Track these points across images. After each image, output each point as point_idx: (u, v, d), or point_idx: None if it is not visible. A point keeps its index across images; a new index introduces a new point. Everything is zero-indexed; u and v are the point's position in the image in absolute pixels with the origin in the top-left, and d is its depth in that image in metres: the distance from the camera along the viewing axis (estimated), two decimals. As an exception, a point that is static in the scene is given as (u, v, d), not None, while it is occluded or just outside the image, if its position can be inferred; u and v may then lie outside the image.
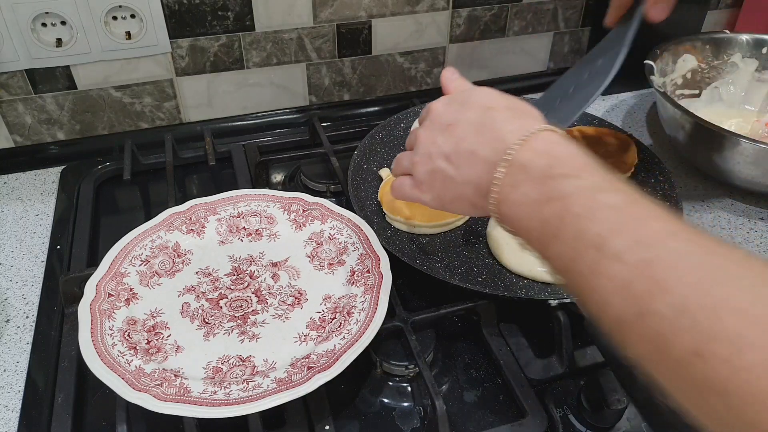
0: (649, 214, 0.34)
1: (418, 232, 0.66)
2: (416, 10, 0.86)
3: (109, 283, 0.55)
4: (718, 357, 0.27)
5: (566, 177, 0.37)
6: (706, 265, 0.30)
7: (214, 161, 0.77)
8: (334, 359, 0.48)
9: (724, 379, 0.27)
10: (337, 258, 0.60)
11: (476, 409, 0.53)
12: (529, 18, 0.93)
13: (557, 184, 0.37)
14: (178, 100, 0.83)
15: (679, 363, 0.28)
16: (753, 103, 0.86)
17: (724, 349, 0.27)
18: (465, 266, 0.62)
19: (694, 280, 0.29)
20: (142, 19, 0.75)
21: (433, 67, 0.93)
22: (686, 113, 0.71)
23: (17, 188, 0.77)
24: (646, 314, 0.30)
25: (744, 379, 0.26)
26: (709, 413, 0.28)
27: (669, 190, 0.70)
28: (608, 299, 0.32)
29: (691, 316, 0.28)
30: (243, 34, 0.81)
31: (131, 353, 0.49)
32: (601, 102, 0.96)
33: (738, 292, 0.28)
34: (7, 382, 0.54)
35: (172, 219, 0.62)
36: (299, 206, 0.64)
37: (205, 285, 0.57)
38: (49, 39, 0.73)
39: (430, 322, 0.56)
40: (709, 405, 0.28)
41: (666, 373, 0.30)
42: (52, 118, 0.80)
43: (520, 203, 0.39)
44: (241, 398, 0.45)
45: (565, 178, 0.37)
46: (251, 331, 0.53)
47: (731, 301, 0.28)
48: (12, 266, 0.66)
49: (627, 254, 0.32)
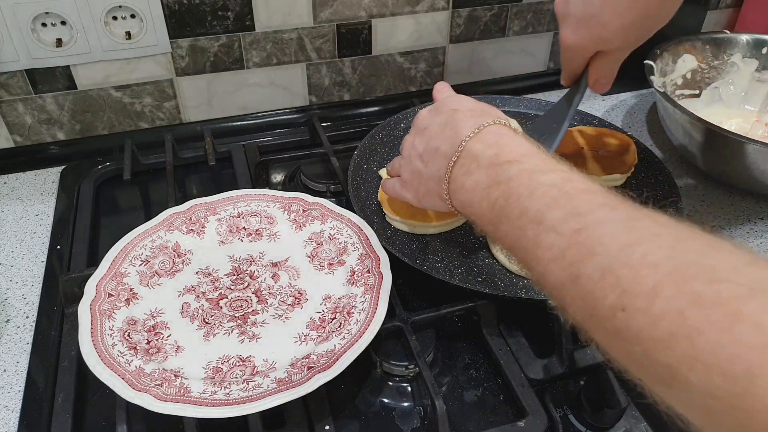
0: (582, 189, 0.37)
1: (418, 232, 0.66)
2: (416, 10, 0.86)
3: (109, 283, 0.55)
4: (637, 308, 0.30)
5: (510, 163, 0.41)
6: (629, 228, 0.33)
7: (214, 161, 0.77)
8: (334, 359, 0.48)
9: (642, 328, 0.29)
10: (337, 258, 0.60)
11: (476, 409, 0.53)
12: (529, 18, 0.93)
13: (503, 170, 0.41)
14: (178, 100, 0.84)
15: (607, 318, 0.31)
16: (753, 103, 0.86)
17: (641, 300, 0.30)
18: (465, 266, 0.62)
19: (618, 243, 0.32)
20: (142, 19, 0.75)
21: (433, 67, 0.93)
22: (686, 113, 0.71)
23: (17, 188, 0.77)
24: (579, 277, 0.33)
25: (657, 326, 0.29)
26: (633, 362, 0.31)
27: (669, 190, 0.70)
28: (548, 268, 0.36)
29: (614, 275, 0.31)
30: (243, 34, 0.81)
31: (131, 353, 0.49)
32: (601, 102, 0.96)
33: (656, 250, 0.31)
34: (7, 382, 0.54)
35: (172, 219, 0.62)
36: (299, 206, 0.64)
37: (205, 285, 0.57)
38: (49, 39, 0.73)
39: (430, 322, 0.56)
40: (632, 354, 0.30)
41: (597, 329, 0.33)
42: (52, 118, 0.80)
43: (473, 189, 0.43)
44: (241, 398, 0.45)
45: (510, 164, 0.41)
46: (251, 331, 0.53)
47: (649, 257, 0.30)
48: (12, 266, 0.66)
49: (562, 225, 0.35)
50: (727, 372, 0.26)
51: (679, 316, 0.28)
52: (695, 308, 0.28)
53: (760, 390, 0.25)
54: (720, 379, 0.26)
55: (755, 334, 0.26)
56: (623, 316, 0.30)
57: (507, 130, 0.45)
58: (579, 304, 0.34)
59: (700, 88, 0.86)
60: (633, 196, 0.36)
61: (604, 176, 0.72)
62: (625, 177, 0.73)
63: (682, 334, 0.28)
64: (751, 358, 0.25)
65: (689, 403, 0.28)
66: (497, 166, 0.42)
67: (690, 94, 0.86)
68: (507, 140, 0.44)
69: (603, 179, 0.72)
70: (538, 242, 0.37)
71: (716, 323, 0.27)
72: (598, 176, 0.72)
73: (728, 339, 0.26)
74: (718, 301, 0.27)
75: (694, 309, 0.28)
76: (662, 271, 0.30)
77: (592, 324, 0.33)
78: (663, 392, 0.30)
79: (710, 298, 0.28)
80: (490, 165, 0.43)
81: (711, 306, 0.27)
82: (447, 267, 0.62)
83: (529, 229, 0.37)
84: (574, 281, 0.34)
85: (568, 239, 0.35)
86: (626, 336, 0.30)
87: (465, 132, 0.45)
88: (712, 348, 0.27)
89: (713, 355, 0.26)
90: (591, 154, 0.74)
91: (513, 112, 0.84)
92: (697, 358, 0.27)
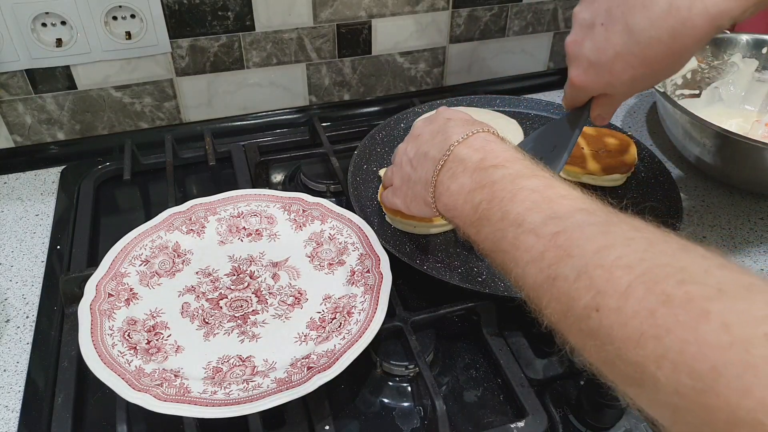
0: (562, 194, 0.39)
1: (418, 232, 0.66)
2: (416, 10, 0.86)
3: (109, 283, 0.55)
4: (610, 307, 0.30)
5: (495, 167, 0.42)
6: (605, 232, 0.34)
7: (214, 161, 0.77)
8: (334, 359, 0.48)
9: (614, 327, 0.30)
10: (337, 258, 0.60)
11: (476, 409, 0.53)
12: (529, 18, 0.93)
13: (487, 174, 0.42)
14: (178, 100, 0.83)
15: (581, 318, 0.32)
16: (753, 103, 0.86)
17: (614, 300, 0.30)
18: (465, 266, 0.62)
19: (594, 246, 0.33)
20: (142, 19, 0.75)
21: (433, 67, 0.93)
22: (686, 113, 0.71)
23: (17, 188, 0.77)
24: (555, 278, 0.34)
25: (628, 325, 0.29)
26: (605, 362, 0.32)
27: (669, 190, 0.70)
28: (526, 269, 0.37)
29: (589, 276, 0.32)
30: (243, 34, 0.81)
31: (131, 353, 0.49)
32: (601, 102, 0.96)
33: (630, 252, 0.32)
34: (7, 382, 0.54)
35: (172, 219, 0.62)
36: (299, 206, 0.64)
37: (205, 285, 0.57)
38: (49, 39, 0.73)
39: (430, 322, 0.56)
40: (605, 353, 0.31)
41: (572, 329, 0.34)
42: (52, 118, 0.80)
43: (458, 192, 0.44)
44: (241, 398, 0.45)
45: (494, 168, 0.42)
46: (251, 331, 0.53)
47: (623, 259, 0.31)
48: (12, 266, 0.66)
49: (541, 228, 0.36)
50: (693, 370, 0.26)
51: (649, 315, 0.29)
52: (665, 308, 0.28)
53: (724, 388, 0.25)
54: (686, 377, 0.27)
55: (721, 334, 0.26)
56: (597, 316, 0.31)
57: (495, 138, 0.47)
58: (555, 306, 0.35)
59: (700, 88, 0.86)
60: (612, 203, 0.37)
61: (604, 176, 0.72)
62: (625, 177, 0.73)
63: (652, 333, 0.28)
64: (716, 357, 0.26)
65: (658, 401, 0.29)
66: (482, 170, 0.43)
67: (690, 94, 0.86)
68: (494, 146, 0.45)
69: (603, 179, 0.72)
70: (518, 244, 0.38)
71: (684, 323, 0.27)
72: (598, 176, 0.72)
73: (695, 338, 0.27)
74: (687, 301, 0.28)
75: (664, 309, 0.28)
76: (635, 272, 0.30)
77: (567, 324, 0.34)
78: (634, 393, 0.31)
79: (679, 299, 0.28)
80: (475, 169, 0.44)
81: (680, 306, 0.28)
82: (447, 267, 0.62)
83: (509, 231, 0.38)
84: (551, 283, 0.34)
85: (546, 242, 0.36)
86: (599, 336, 0.31)
87: (454, 138, 0.47)
88: (680, 347, 0.27)
89: (680, 354, 0.27)
90: (591, 154, 0.74)
91: (513, 112, 0.84)
92: (665, 357, 0.28)
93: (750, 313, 0.26)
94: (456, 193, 0.45)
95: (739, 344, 0.25)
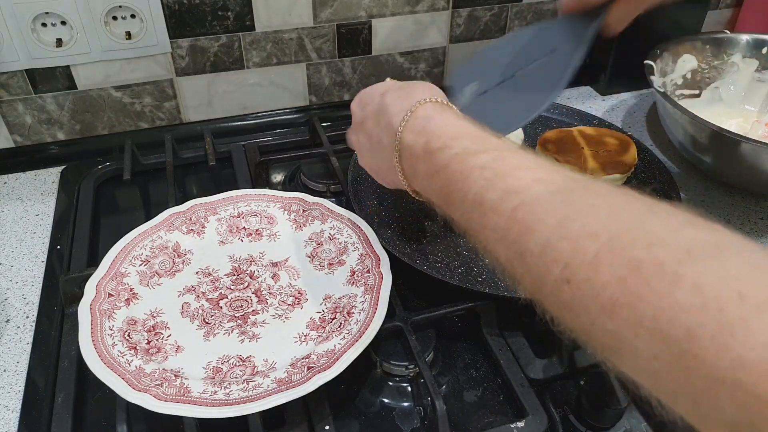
0: (515, 166, 0.37)
1: None
2: (416, 10, 0.86)
3: (109, 283, 0.55)
4: (581, 279, 0.30)
5: (441, 149, 0.41)
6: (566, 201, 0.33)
7: (214, 161, 0.77)
8: (334, 359, 0.48)
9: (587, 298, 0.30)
10: (337, 258, 0.60)
11: (476, 409, 0.53)
12: (529, 18, 0.93)
13: (436, 158, 0.41)
14: (178, 100, 0.84)
15: (554, 291, 0.32)
16: (753, 103, 0.86)
17: (584, 271, 0.30)
18: (465, 266, 0.62)
19: (556, 217, 0.32)
20: (142, 19, 0.75)
21: (433, 67, 0.93)
22: (686, 113, 0.71)
23: (17, 188, 0.77)
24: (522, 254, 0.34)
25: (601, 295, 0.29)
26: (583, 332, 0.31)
27: (669, 191, 0.70)
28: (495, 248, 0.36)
29: (555, 249, 0.31)
30: (243, 34, 0.81)
31: (131, 353, 0.49)
32: (601, 102, 0.96)
33: (594, 221, 0.31)
34: (7, 382, 0.54)
35: (172, 219, 0.62)
36: (299, 206, 0.64)
37: (205, 285, 0.57)
38: (49, 39, 0.73)
39: (430, 322, 0.56)
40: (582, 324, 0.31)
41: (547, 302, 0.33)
42: (52, 118, 0.80)
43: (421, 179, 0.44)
44: (241, 398, 0.45)
45: (441, 151, 0.41)
46: (251, 331, 0.53)
47: (587, 228, 0.31)
48: (12, 266, 0.66)
49: (500, 205, 0.36)
50: (669, 335, 0.26)
51: (620, 283, 0.28)
52: (635, 274, 0.28)
53: (700, 350, 0.25)
54: (663, 343, 0.27)
55: (693, 296, 0.26)
56: (569, 288, 0.31)
57: (433, 111, 0.44)
58: (528, 280, 0.34)
59: (700, 88, 0.86)
60: None
61: (604, 176, 0.72)
62: (625, 177, 0.73)
63: (625, 301, 0.28)
64: (690, 320, 0.26)
65: (637, 367, 0.29)
66: (430, 155, 0.42)
67: (690, 94, 0.86)
68: (434, 125, 0.43)
69: (603, 179, 0.72)
70: (484, 224, 0.37)
71: (656, 288, 0.27)
72: (598, 176, 0.72)
73: (668, 303, 0.27)
74: (657, 266, 0.28)
75: (635, 275, 0.28)
76: (601, 240, 0.30)
77: (543, 297, 0.34)
78: (614, 359, 0.31)
79: (649, 263, 0.28)
80: (424, 154, 0.43)
81: (650, 271, 0.28)
82: (447, 267, 0.62)
83: (474, 213, 0.38)
84: (520, 258, 0.34)
85: (507, 218, 0.35)
86: (574, 307, 0.31)
87: (396, 121, 0.45)
88: (653, 313, 0.27)
89: (655, 320, 0.27)
90: (591, 154, 0.74)
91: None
92: (640, 324, 0.27)
93: (720, 273, 0.26)
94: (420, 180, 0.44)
95: (713, 305, 0.25)
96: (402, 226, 0.67)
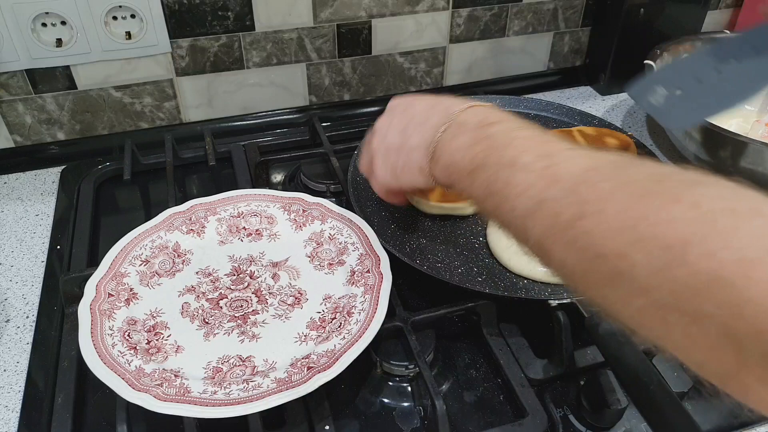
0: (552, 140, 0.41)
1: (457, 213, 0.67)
2: (416, 10, 0.86)
3: (109, 283, 0.55)
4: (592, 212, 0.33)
5: (492, 124, 0.45)
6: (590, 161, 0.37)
7: (214, 161, 0.77)
8: (334, 359, 0.48)
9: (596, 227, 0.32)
10: (337, 258, 0.60)
11: (476, 409, 0.53)
12: (529, 18, 0.93)
13: (485, 130, 0.45)
14: (178, 100, 0.84)
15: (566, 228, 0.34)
16: (753, 103, 0.86)
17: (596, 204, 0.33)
18: (465, 266, 0.62)
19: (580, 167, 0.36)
20: (142, 19, 0.75)
21: (433, 67, 0.93)
22: (686, 113, 0.71)
23: (17, 188, 0.77)
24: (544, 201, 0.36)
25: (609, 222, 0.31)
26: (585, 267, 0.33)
27: (669, 190, 0.70)
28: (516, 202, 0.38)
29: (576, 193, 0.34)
30: (243, 34, 0.81)
31: (131, 353, 0.49)
32: (601, 102, 0.96)
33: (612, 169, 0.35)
34: (7, 382, 0.54)
35: (172, 219, 0.62)
36: (299, 206, 0.64)
37: (205, 285, 0.57)
38: (49, 39, 0.73)
39: (430, 322, 0.56)
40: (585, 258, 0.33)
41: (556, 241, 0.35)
42: (52, 118, 0.80)
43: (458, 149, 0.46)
44: (241, 398, 0.45)
45: (492, 125, 0.45)
46: (251, 331, 0.53)
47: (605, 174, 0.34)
48: (12, 266, 0.66)
49: (533, 165, 0.38)
50: (665, 244, 0.28)
51: (628, 209, 0.31)
52: (642, 199, 0.31)
53: (693, 257, 0.27)
54: (659, 252, 0.28)
55: (691, 210, 0.28)
56: (581, 223, 0.33)
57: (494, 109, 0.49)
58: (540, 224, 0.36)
59: (700, 88, 0.86)
60: None
61: (604, 176, 0.72)
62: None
63: (630, 224, 0.30)
64: (685, 229, 0.28)
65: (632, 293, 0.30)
66: (481, 128, 0.45)
67: (690, 94, 0.86)
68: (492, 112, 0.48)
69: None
70: (510, 181, 0.39)
71: (658, 207, 0.30)
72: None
73: (667, 217, 0.29)
74: (663, 191, 0.31)
75: (642, 200, 0.31)
76: (618, 181, 0.33)
77: (552, 237, 0.35)
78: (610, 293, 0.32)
79: (656, 191, 0.31)
80: (475, 127, 0.46)
81: (656, 195, 0.30)
82: (447, 267, 0.62)
83: (502, 173, 0.40)
84: (539, 206, 0.36)
85: (537, 174, 0.38)
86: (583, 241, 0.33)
87: (457, 107, 0.49)
88: (653, 229, 0.29)
89: (653, 236, 0.29)
90: (591, 154, 0.73)
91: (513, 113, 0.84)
92: (640, 240, 0.29)
93: (719, 195, 0.29)
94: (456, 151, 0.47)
95: (708, 216, 0.28)
96: (402, 226, 0.67)
